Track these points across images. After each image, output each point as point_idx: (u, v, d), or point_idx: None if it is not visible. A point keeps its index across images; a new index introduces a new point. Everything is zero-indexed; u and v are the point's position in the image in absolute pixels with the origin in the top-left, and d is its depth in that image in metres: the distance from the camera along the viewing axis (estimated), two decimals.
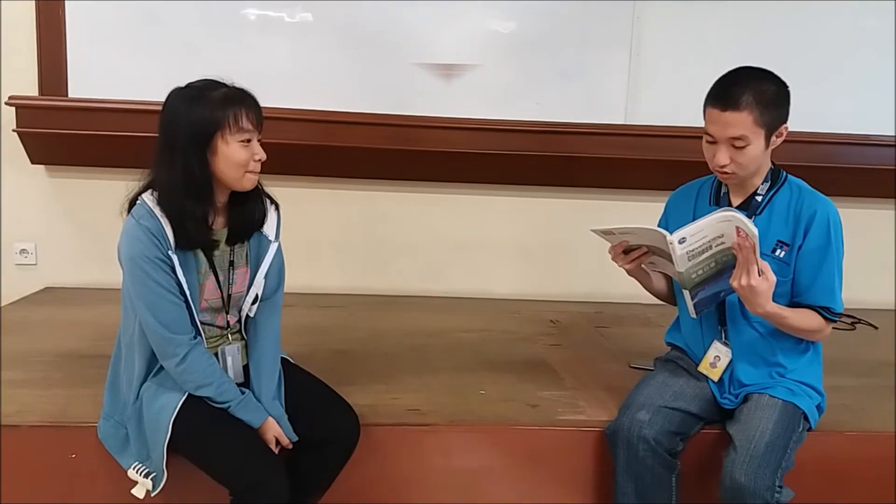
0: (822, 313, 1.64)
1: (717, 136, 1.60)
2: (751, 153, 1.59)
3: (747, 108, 1.56)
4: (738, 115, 1.56)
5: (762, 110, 1.56)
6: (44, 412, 1.70)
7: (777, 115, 1.60)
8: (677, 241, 1.51)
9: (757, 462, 1.51)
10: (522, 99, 2.82)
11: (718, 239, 1.54)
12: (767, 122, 1.58)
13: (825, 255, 1.63)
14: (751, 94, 1.56)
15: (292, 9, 2.71)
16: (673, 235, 1.51)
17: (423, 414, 1.80)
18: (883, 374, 2.26)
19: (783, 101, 1.61)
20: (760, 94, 1.57)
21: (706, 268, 1.58)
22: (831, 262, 1.63)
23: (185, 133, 1.44)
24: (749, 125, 1.57)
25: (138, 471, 1.52)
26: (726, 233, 1.52)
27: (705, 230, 1.52)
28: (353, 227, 2.94)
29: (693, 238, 1.52)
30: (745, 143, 1.58)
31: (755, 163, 1.63)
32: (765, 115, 1.57)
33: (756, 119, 1.56)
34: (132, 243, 1.46)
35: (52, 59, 2.64)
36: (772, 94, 1.59)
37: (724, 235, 1.53)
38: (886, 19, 2.87)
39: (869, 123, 2.87)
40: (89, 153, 2.69)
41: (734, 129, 1.57)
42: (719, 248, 1.55)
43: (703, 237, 1.53)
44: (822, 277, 1.63)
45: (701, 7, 2.82)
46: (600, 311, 2.85)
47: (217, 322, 1.61)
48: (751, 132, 1.57)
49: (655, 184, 2.47)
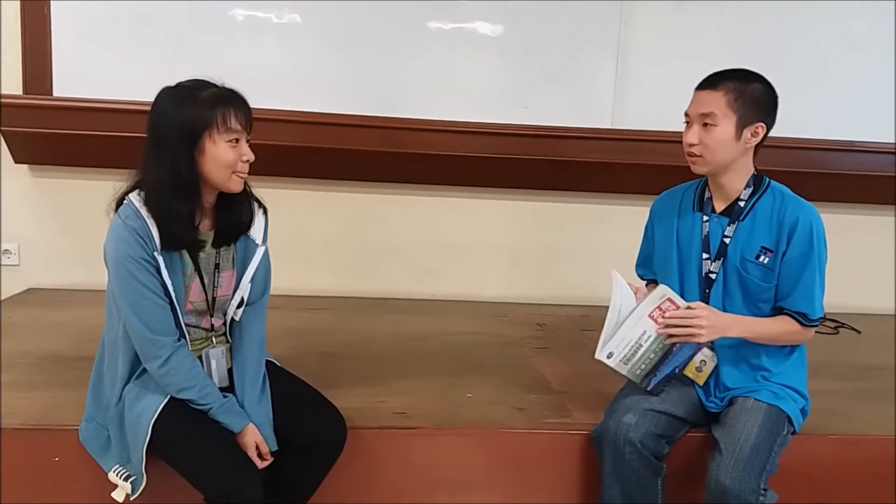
0: (799, 319, 1.66)
1: (692, 115, 1.65)
2: (718, 135, 1.62)
3: (723, 89, 1.61)
4: (713, 94, 1.61)
5: (738, 97, 1.60)
6: (26, 414, 1.68)
7: (754, 112, 1.62)
8: (605, 358, 1.63)
9: (742, 465, 1.52)
10: (511, 102, 2.82)
11: (643, 336, 1.62)
12: (741, 111, 1.61)
13: (807, 261, 1.64)
14: (732, 81, 1.61)
15: (280, 10, 2.70)
16: (600, 353, 1.62)
17: (409, 417, 1.79)
18: (867, 378, 2.28)
19: (765, 103, 1.63)
20: (742, 84, 1.61)
21: (647, 361, 1.66)
22: (812, 268, 1.64)
23: (174, 131, 1.43)
24: (721, 105, 1.60)
25: (118, 474, 1.51)
26: (646, 328, 1.61)
27: (625, 336, 1.62)
28: (341, 230, 2.93)
29: (618, 349, 1.63)
30: (713, 123, 1.61)
31: (722, 149, 1.63)
32: (740, 103, 1.60)
33: (729, 102, 1.60)
34: (118, 243, 1.45)
35: (37, 57, 2.61)
36: (754, 90, 1.62)
37: (645, 332, 1.62)
38: (881, 21, 2.89)
39: (861, 129, 2.90)
40: (74, 153, 2.66)
41: (706, 106, 1.62)
42: (649, 343, 1.63)
43: (627, 343, 1.63)
44: (802, 284, 1.65)
45: (688, 11, 2.84)
46: (587, 314, 2.85)
47: (202, 324, 1.60)
48: (721, 112, 1.61)
49: (642, 187, 2.49)
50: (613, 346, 1.62)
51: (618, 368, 1.65)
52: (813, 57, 2.89)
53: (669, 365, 1.66)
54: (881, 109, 2.93)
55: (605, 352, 1.62)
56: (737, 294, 1.71)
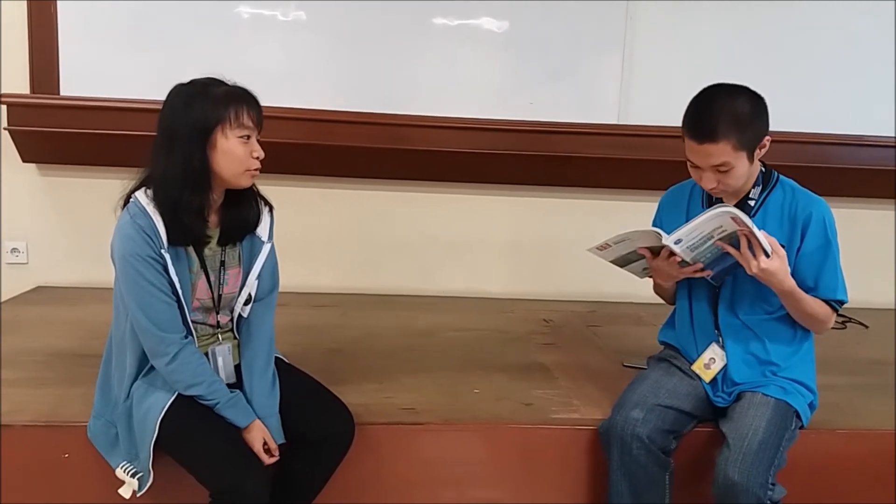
0: (833, 305, 1.67)
1: (700, 165, 1.60)
2: (737, 173, 1.59)
3: (724, 137, 1.54)
4: (717, 146, 1.55)
5: (740, 135, 1.55)
6: (35, 411, 1.69)
7: (756, 132, 1.59)
8: (673, 243, 1.56)
9: (750, 460, 1.52)
10: (516, 98, 2.82)
11: (718, 230, 1.57)
12: (747, 142, 1.57)
13: (826, 254, 1.64)
14: (725, 121, 1.54)
15: (286, 7, 2.70)
16: (669, 238, 1.55)
17: (417, 413, 1.80)
18: (874, 372, 2.27)
19: (760, 116, 1.60)
20: (735, 118, 1.55)
21: (713, 252, 1.62)
22: (832, 259, 1.65)
23: (186, 126, 1.44)
24: (729, 152, 1.55)
25: (126, 470, 1.51)
26: (724, 223, 1.54)
27: (700, 228, 1.55)
28: (345, 227, 2.93)
29: (689, 237, 1.57)
30: (728, 168, 1.57)
31: (743, 179, 1.63)
32: (743, 137, 1.56)
33: (735, 145, 1.55)
34: (125, 241, 1.45)
35: (44, 56, 2.62)
36: (747, 113, 1.56)
37: (722, 226, 1.55)
38: (882, 15, 2.88)
39: (862, 123, 2.89)
40: (81, 151, 2.67)
41: (715, 158, 1.56)
42: (721, 236, 1.58)
43: (699, 234, 1.57)
44: (825, 275, 1.65)
45: (694, 8, 2.83)
46: (593, 309, 2.85)
47: (209, 321, 1.60)
48: (732, 157, 1.56)
49: (648, 183, 2.48)
50: (683, 234, 1.55)
51: (683, 255, 1.59)
52: (814, 51, 2.88)
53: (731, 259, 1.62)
54: (882, 103, 2.91)
55: (674, 237, 1.55)
56: (747, 291, 1.71)
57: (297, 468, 1.59)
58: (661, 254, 1.64)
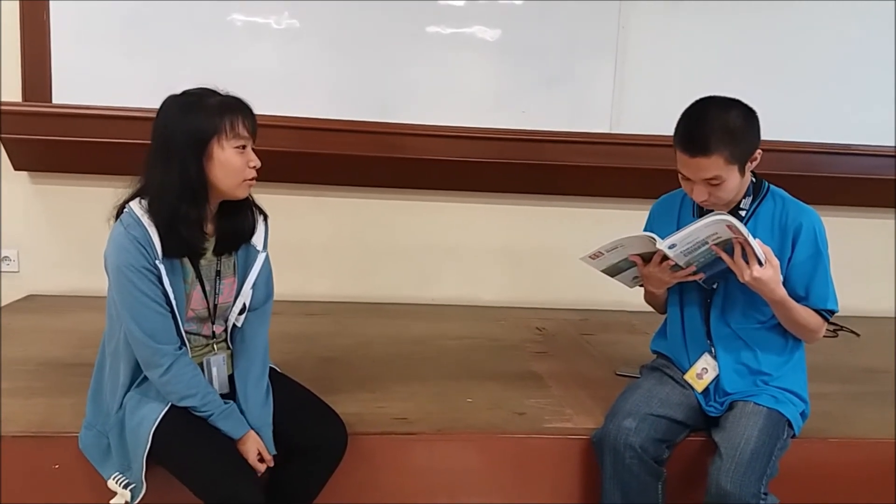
0: (824, 315, 1.68)
1: (692, 177, 1.61)
2: (728, 187, 1.60)
3: (716, 151, 1.54)
4: (709, 160, 1.55)
5: (732, 148, 1.55)
6: (26, 421, 1.67)
7: (748, 146, 1.60)
8: (667, 248, 1.58)
9: (742, 469, 1.52)
10: (509, 107, 2.83)
11: (713, 237, 1.58)
12: (739, 156, 1.58)
13: (817, 263, 1.66)
14: (717, 134, 1.54)
15: (279, 15, 2.70)
16: (663, 242, 1.57)
17: (410, 422, 1.79)
18: (866, 380, 2.28)
19: (751, 129, 1.60)
20: (727, 132, 1.55)
21: (706, 256, 1.63)
22: (823, 269, 1.66)
23: (182, 137, 1.44)
24: (721, 166, 1.56)
25: (118, 481, 1.50)
26: (719, 231, 1.56)
27: (695, 234, 1.57)
28: (339, 235, 2.93)
29: (683, 243, 1.58)
30: (720, 181, 1.58)
31: (734, 191, 1.64)
32: (735, 151, 1.56)
33: (727, 158, 1.56)
34: (118, 252, 1.45)
35: (36, 63, 2.62)
36: (739, 127, 1.57)
37: (717, 233, 1.57)
38: (881, 23, 2.90)
39: (860, 132, 2.90)
40: (73, 160, 2.66)
41: (707, 171, 1.57)
42: (716, 242, 1.59)
43: (693, 240, 1.58)
44: (815, 285, 1.66)
45: (687, 15, 2.84)
46: (586, 318, 2.86)
47: (203, 332, 1.60)
48: (724, 171, 1.57)
49: (640, 192, 2.49)
50: (678, 240, 1.57)
51: (676, 259, 1.61)
52: (811, 59, 2.89)
53: (717, 266, 1.64)
54: (881, 112, 2.93)
55: (668, 241, 1.57)
56: (739, 300, 1.72)
57: (290, 478, 1.58)
58: (652, 259, 1.64)
